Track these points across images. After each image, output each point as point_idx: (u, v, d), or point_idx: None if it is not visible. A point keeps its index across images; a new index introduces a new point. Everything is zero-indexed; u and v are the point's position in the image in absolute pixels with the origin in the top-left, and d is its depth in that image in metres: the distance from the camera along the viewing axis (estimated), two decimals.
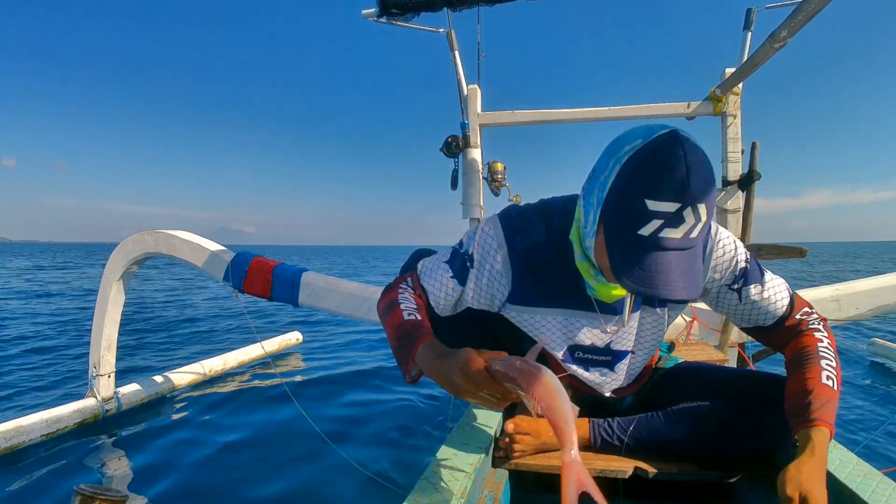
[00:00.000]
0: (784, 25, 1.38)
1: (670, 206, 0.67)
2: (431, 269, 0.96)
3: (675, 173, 0.66)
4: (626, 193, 0.70)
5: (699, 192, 0.67)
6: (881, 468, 0.84)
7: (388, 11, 1.83)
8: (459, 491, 0.79)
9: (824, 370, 0.82)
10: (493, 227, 0.93)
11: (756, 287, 0.90)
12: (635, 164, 0.69)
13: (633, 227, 0.69)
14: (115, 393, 2.53)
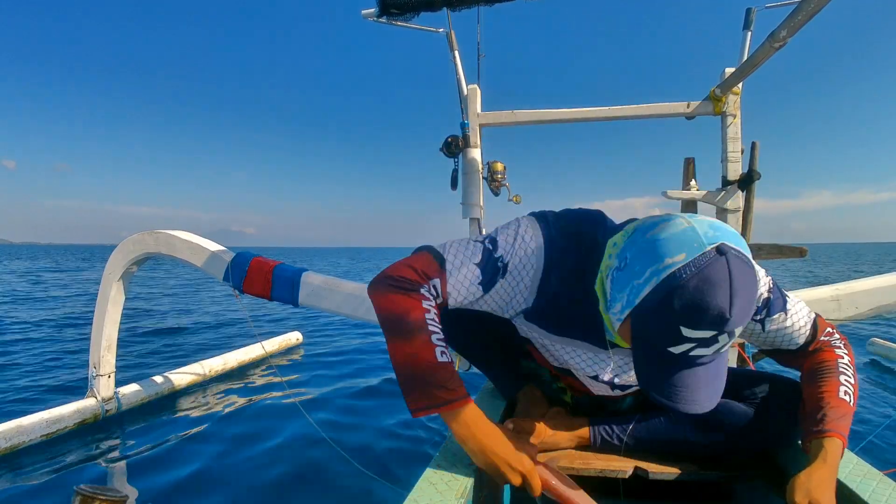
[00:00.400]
0: (784, 25, 1.38)
1: (706, 333, 0.65)
2: (461, 272, 0.85)
3: (716, 306, 0.62)
4: (661, 316, 0.66)
5: (738, 321, 0.64)
6: (881, 468, 0.84)
7: (387, 11, 1.83)
8: (459, 491, 0.79)
9: (842, 385, 0.83)
10: (535, 244, 0.85)
11: (780, 316, 0.88)
12: (675, 291, 0.64)
13: (663, 344, 0.68)
14: (115, 393, 2.53)
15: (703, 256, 0.63)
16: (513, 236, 0.87)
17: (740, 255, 0.65)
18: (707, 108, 2.10)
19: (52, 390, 3.17)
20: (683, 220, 0.69)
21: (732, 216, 2.10)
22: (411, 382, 0.78)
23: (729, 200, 2.10)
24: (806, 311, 0.90)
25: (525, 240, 0.86)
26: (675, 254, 0.65)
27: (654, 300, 0.66)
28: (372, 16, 1.95)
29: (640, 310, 0.69)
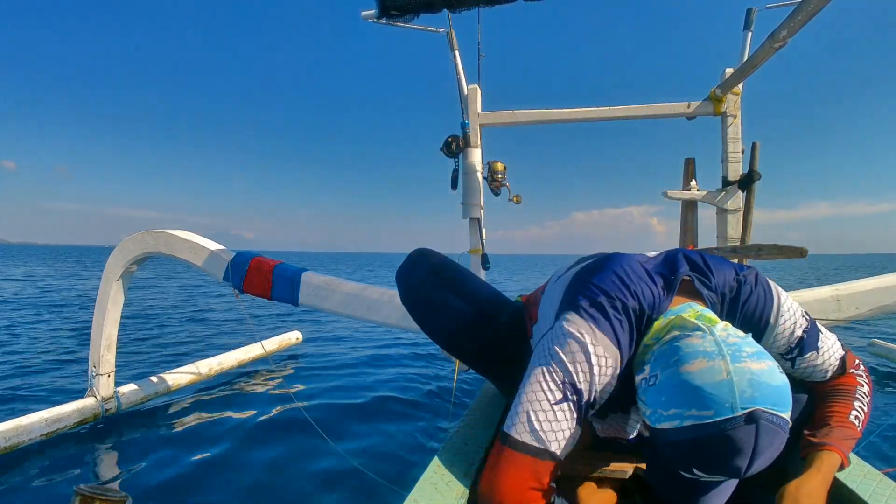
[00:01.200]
0: (784, 25, 1.38)
1: (719, 478, 0.66)
2: (557, 430, 0.74)
3: (733, 466, 0.61)
4: (677, 453, 0.65)
5: (756, 471, 0.63)
6: (881, 468, 0.84)
7: (387, 13, 1.83)
8: (459, 491, 0.79)
9: (855, 410, 0.83)
10: (603, 345, 0.76)
11: (812, 355, 0.85)
12: (695, 442, 0.62)
13: (676, 468, 0.67)
14: (115, 392, 2.53)
15: (731, 421, 0.60)
16: (585, 364, 0.75)
17: (773, 419, 0.61)
18: (707, 109, 2.10)
19: (52, 390, 3.17)
20: (722, 363, 0.63)
21: (732, 216, 2.10)
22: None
23: (729, 201, 2.11)
24: (837, 347, 0.87)
25: (597, 352, 0.75)
26: (703, 408, 0.61)
27: (674, 439, 0.64)
28: (372, 17, 1.95)
29: (659, 437, 0.67)
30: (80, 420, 2.36)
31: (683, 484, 0.68)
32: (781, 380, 0.64)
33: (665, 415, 0.65)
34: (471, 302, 1.11)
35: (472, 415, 1.15)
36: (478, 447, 0.97)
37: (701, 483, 0.68)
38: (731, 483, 0.70)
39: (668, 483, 0.70)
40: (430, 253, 1.18)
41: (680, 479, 0.68)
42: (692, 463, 0.64)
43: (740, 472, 0.61)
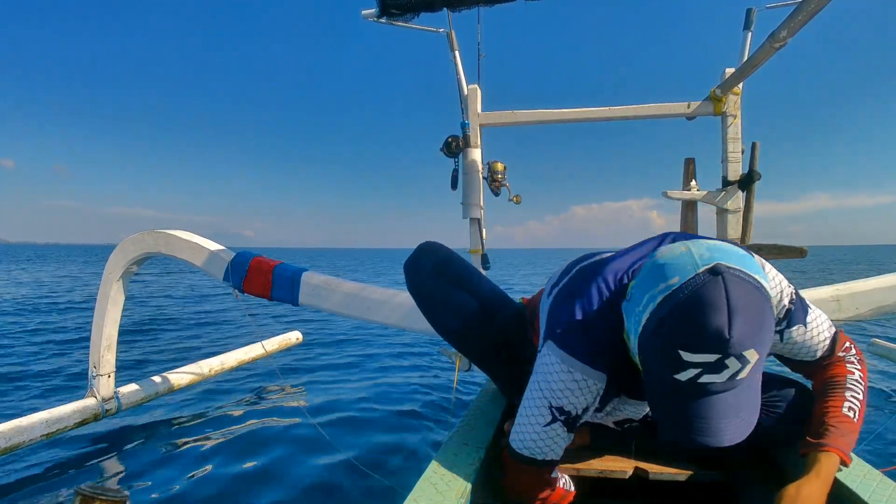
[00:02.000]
0: (784, 25, 1.38)
1: (709, 357, 0.62)
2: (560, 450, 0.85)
3: (713, 328, 0.60)
4: (659, 342, 0.65)
5: (743, 340, 0.61)
6: (881, 468, 0.84)
7: (387, 12, 1.83)
8: (459, 491, 0.79)
9: (848, 401, 0.82)
10: (581, 373, 0.80)
11: (799, 329, 0.84)
12: (671, 315, 0.63)
13: (667, 372, 0.65)
14: (115, 393, 2.53)
15: (696, 277, 0.62)
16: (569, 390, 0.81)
17: (741, 274, 0.62)
18: (707, 109, 2.10)
19: (53, 390, 3.18)
20: (683, 245, 0.68)
21: (733, 216, 2.10)
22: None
23: (729, 201, 2.10)
24: (827, 325, 0.87)
25: (580, 384, 0.81)
26: (669, 278, 0.64)
27: (652, 326, 0.66)
28: (372, 16, 1.95)
29: (642, 338, 0.68)
30: (81, 420, 2.36)
31: (684, 395, 0.65)
32: (743, 251, 0.66)
33: (640, 309, 0.68)
34: (474, 297, 1.12)
35: (472, 415, 1.15)
36: (478, 447, 0.97)
37: (707, 390, 0.64)
38: (743, 396, 0.66)
39: (668, 407, 0.67)
40: (437, 247, 1.19)
41: (680, 391, 0.65)
42: (676, 345, 0.63)
43: (723, 335, 0.59)
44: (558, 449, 0.84)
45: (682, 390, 0.65)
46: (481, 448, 0.96)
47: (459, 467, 0.87)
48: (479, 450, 0.95)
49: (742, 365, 0.62)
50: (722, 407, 0.64)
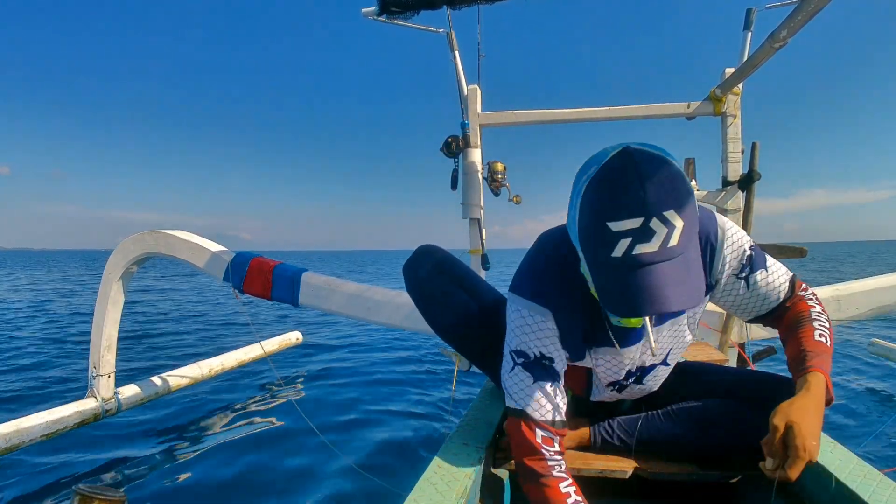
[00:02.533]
0: (784, 25, 1.38)
1: (633, 222, 0.65)
2: (536, 401, 0.88)
3: (628, 190, 0.65)
4: (589, 223, 0.69)
5: (660, 200, 0.64)
6: (881, 468, 0.84)
7: (387, 10, 1.83)
8: (459, 491, 0.79)
9: (816, 329, 0.86)
10: (528, 307, 0.88)
11: (762, 273, 0.90)
12: (591, 192, 0.69)
13: (605, 252, 0.68)
14: (115, 393, 2.52)
15: (608, 159, 0.68)
16: (520, 328, 0.89)
17: (648, 148, 0.68)
18: (707, 109, 2.10)
19: (53, 390, 3.17)
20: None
21: (733, 216, 2.10)
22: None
23: (729, 201, 2.10)
24: (784, 270, 0.93)
25: (529, 318, 0.88)
26: (589, 168, 0.71)
27: (583, 214, 0.70)
28: (372, 14, 1.95)
29: (580, 235, 0.72)
30: (81, 421, 2.36)
31: (624, 271, 0.67)
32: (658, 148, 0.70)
33: (573, 211, 0.73)
34: (473, 298, 1.13)
35: (472, 415, 1.15)
36: (478, 447, 0.97)
37: (644, 261, 0.66)
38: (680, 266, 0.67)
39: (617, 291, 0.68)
40: (435, 249, 1.20)
41: (619, 268, 0.67)
42: (601, 218, 0.67)
43: (638, 194, 0.64)
44: (527, 398, 0.87)
45: (623, 266, 0.67)
46: (481, 448, 0.96)
47: (459, 467, 0.87)
48: (479, 450, 0.95)
49: (668, 229, 0.65)
50: (664, 276, 0.66)
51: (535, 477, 0.85)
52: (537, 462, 0.86)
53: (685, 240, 0.67)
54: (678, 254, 0.67)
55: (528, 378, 0.88)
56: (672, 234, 0.65)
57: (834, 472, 0.81)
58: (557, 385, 0.89)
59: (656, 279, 0.66)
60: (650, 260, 0.66)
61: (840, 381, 3.36)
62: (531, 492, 0.87)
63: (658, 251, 0.65)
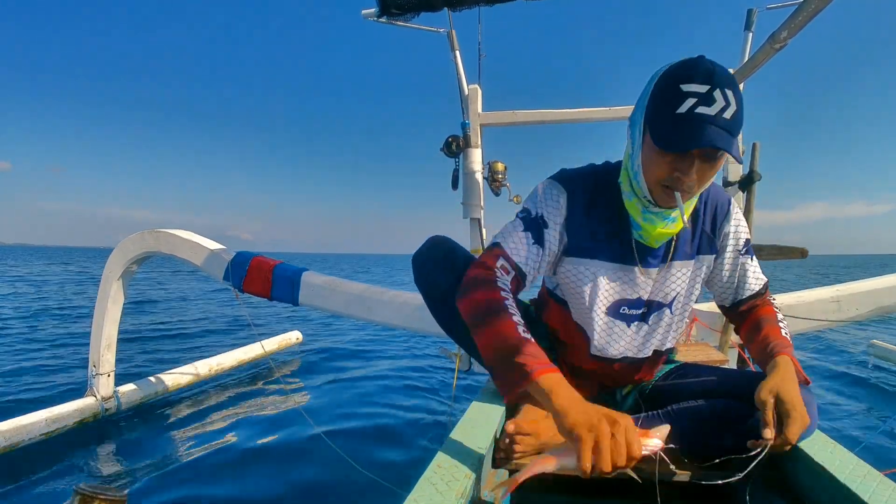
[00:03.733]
0: (784, 26, 1.38)
1: (701, 87, 0.79)
2: (514, 242, 0.98)
3: (702, 65, 0.80)
4: (663, 86, 0.83)
5: (725, 78, 0.79)
6: (881, 468, 0.83)
7: (388, 11, 1.83)
8: (459, 491, 0.79)
9: (782, 329, 0.97)
10: (548, 184, 1.02)
11: (751, 259, 1.05)
12: (670, 69, 0.84)
13: (672, 109, 0.81)
14: (115, 392, 2.53)
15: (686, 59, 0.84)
16: (536, 195, 1.02)
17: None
18: None
19: (52, 390, 3.17)
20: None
21: None
22: (501, 363, 0.82)
23: None
24: (761, 272, 1.07)
25: (546, 188, 1.02)
26: (665, 66, 0.86)
27: (658, 86, 0.85)
28: (372, 16, 1.95)
29: (650, 106, 0.86)
30: (80, 420, 2.36)
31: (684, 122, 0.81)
32: None
33: (649, 88, 0.87)
34: None
35: (472, 414, 1.15)
36: (478, 447, 0.97)
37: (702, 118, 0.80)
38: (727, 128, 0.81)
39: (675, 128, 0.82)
40: (445, 239, 1.21)
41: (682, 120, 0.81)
42: (676, 81, 0.81)
43: (710, 68, 0.80)
44: (509, 237, 0.98)
45: (683, 120, 0.80)
46: (481, 448, 0.96)
47: (459, 467, 0.87)
48: (479, 450, 0.95)
49: (726, 103, 0.79)
50: (714, 131, 0.79)
51: (475, 283, 0.92)
52: (484, 272, 0.93)
53: (735, 121, 0.80)
54: (728, 129, 0.80)
55: (520, 226, 1.00)
56: (728, 108, 0.79)
57: (834, 472, 0.81)
58: (540, 248, 0.99)
59: (708, 130, 0.79)
60: (707, 120, 0.79)
61: (840, 382, 3.37)
62: (465, 299, 0.92)
63: (714, 116, 0.79)
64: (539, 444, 1.00)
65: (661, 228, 0.95)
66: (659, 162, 0.86)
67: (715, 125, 0.79)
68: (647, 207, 0.94)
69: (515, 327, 0.83)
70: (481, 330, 0.86)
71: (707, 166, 0.85)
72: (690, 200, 0.94)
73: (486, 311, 0.87)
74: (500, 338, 0.83)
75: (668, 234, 0.97)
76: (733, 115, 0.80)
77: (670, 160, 0.84)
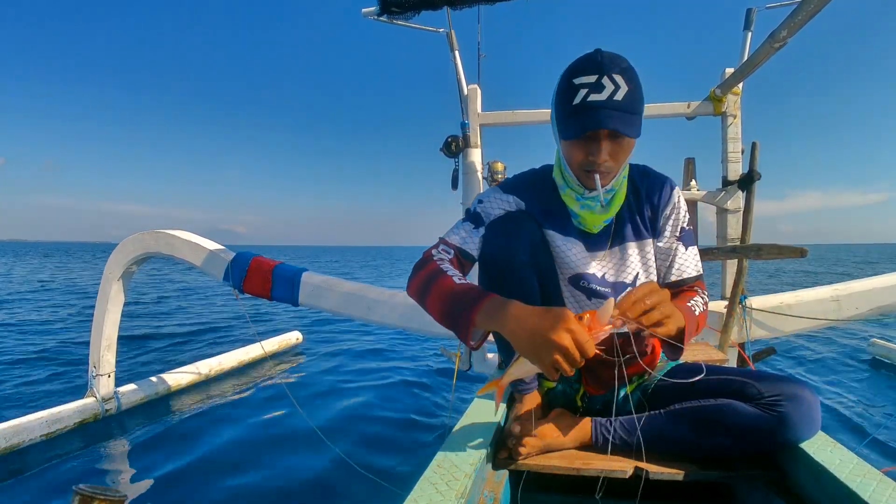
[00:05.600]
0: (784, 25, 1.38)
1: (590, 77, 0.87)
2: (454, 231, 1.07)
3: (593, 57, 0.89)
4: (562, 83, 0.92)
5: (613, 65, 0.87)
6: (881, 468, 0.83)
7: (388, 10, 1.83)
8: (459, 491, 0.79)
9: (690, 301, 0.98)
10: (493, 189, 1.11)
11: (685, 248, 1.07)
12: (568, 67, 0.92)
13: (568, 102, 0.89)
14: (115, 392, 2.53)
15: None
16: (476, 199, 1.10)
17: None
18: (707, 109, 2.10)
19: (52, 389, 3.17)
20: None
21: (733, 216, 2.10)
22: (453, 317, 0.87)
23: (729, 200, 2.10)
24: (698, 266, 1.09)
25: (487, 192, 1.11)
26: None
27: (560, 83, 0.93)
28: (372, 14, 1.95)
29: (555, 98, 0.95)
30: (80, 420, 2.36)
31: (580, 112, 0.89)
32: None
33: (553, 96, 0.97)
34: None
35: (472, 414, 1.16)
36: (478, 447, 0.97)
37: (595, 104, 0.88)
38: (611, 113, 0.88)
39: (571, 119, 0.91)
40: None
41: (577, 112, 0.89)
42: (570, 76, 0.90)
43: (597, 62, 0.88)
44: (451, 231, 1.08)
45: (579, 110, 0.88)
46: (481, 448, 0.96)
47: (459, 467, 0.87)
48: (479, 450, 0.95)
49: (615, 86, 0.86)
50: (609, 115, 0.87)
51: (415, 268, 0.99)
52: (423, 258, 1.01)
53: (627, 104, 0.87)
54: (621, 108, 0.87)
55: (463, 222, 1.08)
56: (618, 91, 0.87)
57: (834, 472, 0.81)
58: (478, 229, 1.06)
59: (600, 115, 0.87)
60: (600, 105, 0.87)
61: (840, 381, 3.37)
62: (409, 285, 0.99)
63: (605, 100, 0.87)
64: (543, 444, 1.01)
65: (597, 213, 1.02)
66: (572, 149, 0.94)
67: (606, 108, 0.86)
68: (581, 195, 1.01)
69: (451, 280, 0.91)
70: (427, 299, 0.93)
71: (615, 145, 0.92)
72: (617, 181, 0.99)
73: (426, 282, 0.94)
74: (442, 296, 0.89)
75: (603, 218, 1.03)
76: (625, 95, 0.87)
77: (581, 145, 0.92)
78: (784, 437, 0.91)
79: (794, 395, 0.91)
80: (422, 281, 0.95)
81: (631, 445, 1.01)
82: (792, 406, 0.90)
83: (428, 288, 0.93)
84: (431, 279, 0.93)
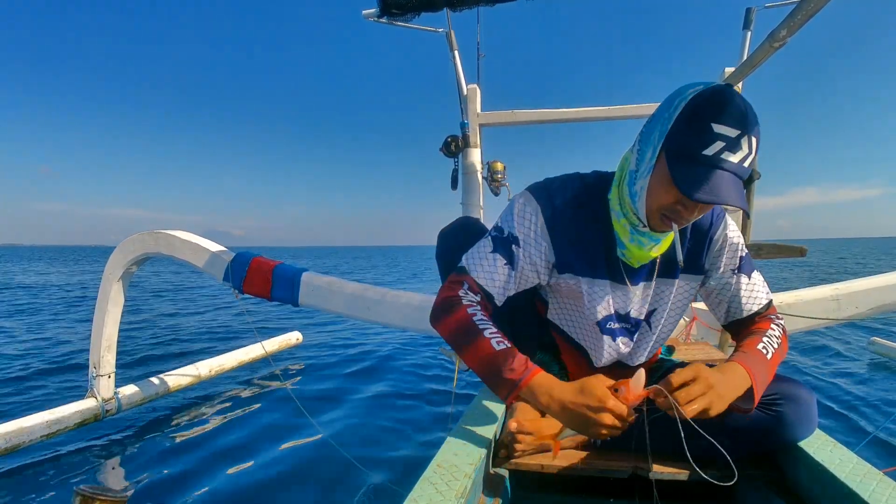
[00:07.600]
0: (783, 25, 1.38)
1: (732, 131, 0.75)
2: (482, 264, 0.97)
3: (736, 105, 0.75)
4: (694, 119, 0.77)
5: (754, 123, 0.76)
6: (881, 468, 0.84)
7: (388, 11, 1.83)
8: (459, 491, 0.79)
9: (762, 342, 0.92)
10: (524, 199, 0.98)
11: (748, 277, 1.00)
12: (702, 98, 0.77)
13: (699, 147, 0.76)
14: (115, 393, 2.53)
15: (716, 85, 0.79)
16: (510, 211, 0.99)
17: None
18: None
19: (53, 390, 3.18)
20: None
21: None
22: (490, 379, 0.87)
23: None
24: (766, 290, 1.02)
25: (519, 203, 0.98)
26: (695, 87, 0.79)
27: (686, 113, 0.78)
28: (373, 16, 1.95)
29: (673, 132, 0.80)
30: (81, 421, 2.36)
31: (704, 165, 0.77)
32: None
33: (671, 112, 0.80)
34: None
35: (472, 414, 1.16)
36: (478, 447, 0.97)
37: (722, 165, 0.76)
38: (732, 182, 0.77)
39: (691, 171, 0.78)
40: (476, 223, 1.24)
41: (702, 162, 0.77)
42: (708, 118, 0.76)
43: (744, 115, 0.75)
44: (476, 260, 0.97)
45: (707, 163, 0.76)
46: (481, 447, 0.96)
47: (459, 467, 0.87)
48: (479, 449, 0.95)
49: (749, 150, 0.76)
50: (732, 182, 0.77)
51: (444, 308, 0.94)
52: (450, 296, 0.95)
53: (749, 168, 0.79)
54: (743, 177, 0.78)
55: (489, 246, 0.97)
56: (749, 156, 0.77)
57: (834, 472, 0.81)
58: (511, 269, 0.97)
59: (728, 182, 0.76)
60: (729, 168, 0.76)
61: (840, 381, 3.37)
62: (439, 325, 0.95)
63: (736, 164, 0.77)
64: (540, 443, 1.01)
65: (646, 251, 0.94)
66: (663, 191, 0.83)
67: (735, 174, 0.77)
68: (636, 228, 0.92)
69: (490, 343, 0.87)
70: (463, 352, 0.91)
71: (709, 206, 0.85)
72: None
73: (462, 334, 0.91)
74: (481, 358, 0.88)
75: (650, 257, 0.97)
76: (751, 162, 0.78)
77: (678, 195, 0.81)
78: (782, 437, 0.92)
79: (791, 395, 0.92)
80: (453, 331, 0.92)
81: (630, 445, 1.01)
82: (789, 406, 0.91)
83: (464, 343, 0.90)
84: (468, 336, 0.90)
